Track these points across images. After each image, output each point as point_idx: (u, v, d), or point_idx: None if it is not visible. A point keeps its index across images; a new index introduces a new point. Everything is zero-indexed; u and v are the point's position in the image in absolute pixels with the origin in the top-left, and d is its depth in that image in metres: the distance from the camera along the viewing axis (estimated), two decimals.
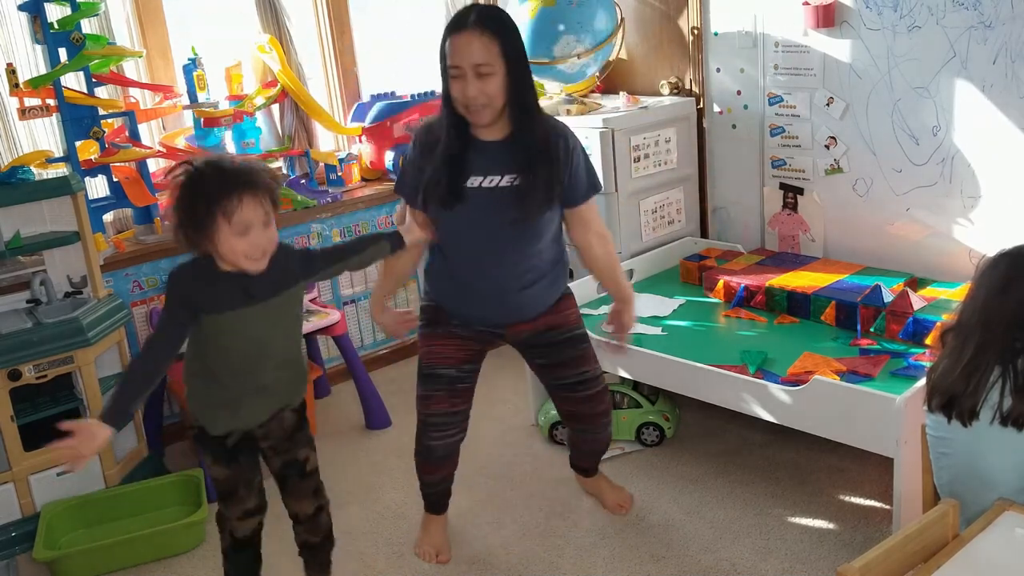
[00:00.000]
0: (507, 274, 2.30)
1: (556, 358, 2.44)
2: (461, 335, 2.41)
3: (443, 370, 2.40)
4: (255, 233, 1.82)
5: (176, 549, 2.70)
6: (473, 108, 2.13)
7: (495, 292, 2.32)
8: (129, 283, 3.25)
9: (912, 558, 1.54)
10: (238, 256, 1.83)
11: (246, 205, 1.79)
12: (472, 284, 2.33)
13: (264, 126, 3.64)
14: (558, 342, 2.42)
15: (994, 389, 1.69)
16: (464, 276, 2.33)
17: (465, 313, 2.38)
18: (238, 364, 1.96)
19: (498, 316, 2.38)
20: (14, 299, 2.94)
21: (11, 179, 2.73)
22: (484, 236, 2.25)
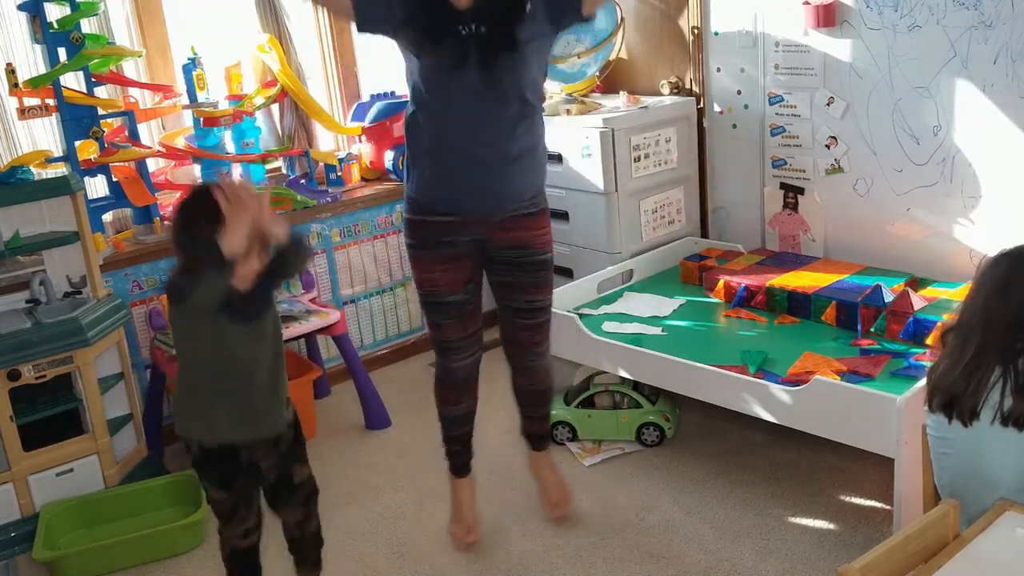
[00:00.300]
0: (486, 140, 2.26)
1: (515, 278, 2.44)
2: (452, 255, 2.39)
3: (449, 298, 2.42)
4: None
5: (176, 549, 2.70)
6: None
7: (484, 161, 2.28)
8: (128, 283, 3.25)
9: (912, 558, 1.54)
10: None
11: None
12: (453, 155, 2.29)
13: (264, 126, 3.64)
14: (523, 263, 2.42)
15: (995, 389, 1.69)
16: (445, 147, 2.30)
17: (445, 197, 2.34)
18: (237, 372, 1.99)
19: (487, 198, 2.33)
20: (13, 299, 2.93)
21: (11, 179, 2.72)
22: (466, 92, 2.22)
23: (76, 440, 2.84)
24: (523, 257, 2.42)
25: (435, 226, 2.37)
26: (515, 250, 2.41)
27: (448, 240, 2.38)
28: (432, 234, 2.38)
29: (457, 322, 2.46)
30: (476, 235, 2.39)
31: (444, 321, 2.46)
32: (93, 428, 2.84)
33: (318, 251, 3.68)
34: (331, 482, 3.06)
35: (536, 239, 2.42)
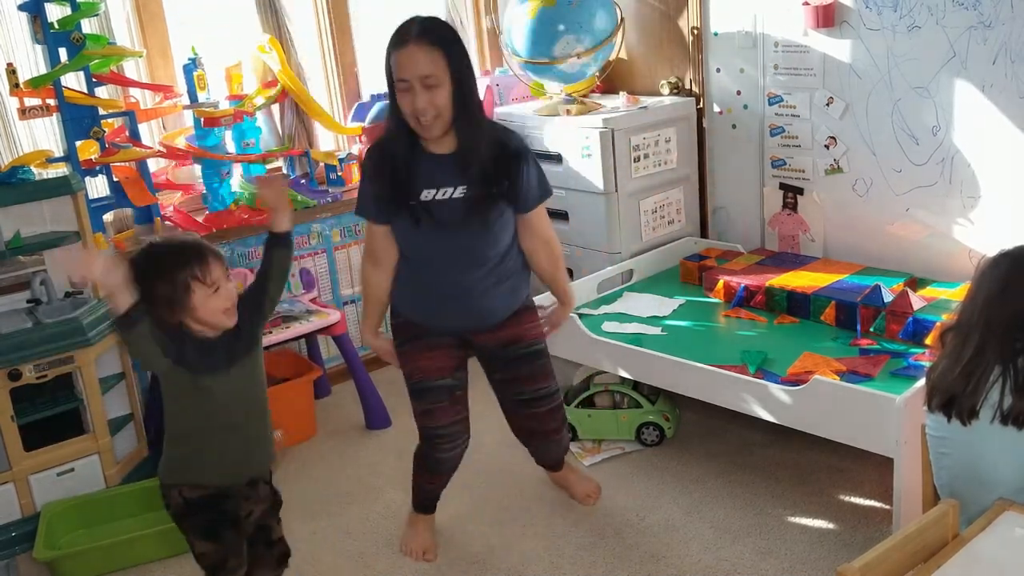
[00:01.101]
0: (470, 280, 2.32)
1: (515, 372, 2.47)
2: (443, 344, 2.42)
3: (438, 382, 2.43)
4: (224, 287, 1.92)
5: (176, 549, 2.69)
6: (424, 121, 2.14)
7: (460, 297, 2.34)
8: None
9: (912, 558, 1.54)
10: (218, 314, 1.91)
11: (209, 265, 1.90)
12: (437, 292, 2.36)
13: (264, 126, 3.64)
14: (518, 356, 2.45)
15: (994, 388, 1.69)
16: (430, 285, 2.36)
17: (434, 323, 2.41)
18: (222, 421, 2.00)
19: (465, 322, 2.40)
20: (14, 299, 2.94)
21: (11, 179, 2.73)
22: (444, 245, 2.29)
23: (77, 440, 2.84)
24: (520, 350, 2.45)
25: (422, 327, 2.42)
26: (511, 346, 2.45)
27: (436, 333, 2.42)
28: (419, 330, 2.42)
29: (448, 405, 2.44)
30: (464, 339, 2.45)
31: (434, 406, 2.43)
32: (94, 428, 2.85)
33: (318, 251, 3.68)
34: (331, 482, 3.07)
35: (527, 332, 2.46)
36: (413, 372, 2.44)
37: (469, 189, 2.23)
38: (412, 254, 2.35)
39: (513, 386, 2.50)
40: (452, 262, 2.31)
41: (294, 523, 2.84)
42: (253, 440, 2.07)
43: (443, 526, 2.74)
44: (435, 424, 2.45)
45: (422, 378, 2.42)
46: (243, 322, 2.00)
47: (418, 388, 2.44)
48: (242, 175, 3.53)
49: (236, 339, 1.99)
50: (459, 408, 2.47)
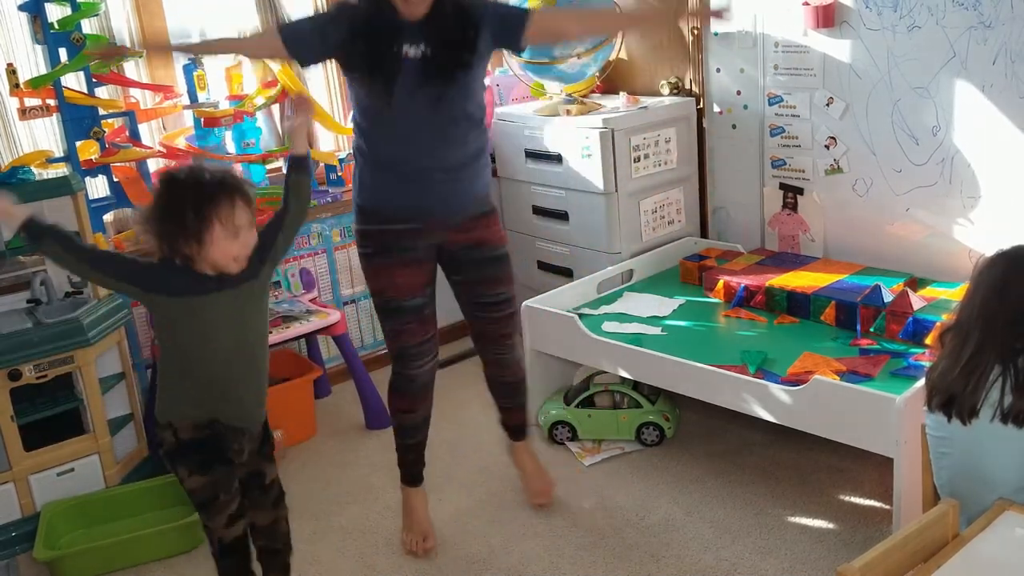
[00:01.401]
0: (440, 150, 2.34)
1: (478, 275, 2.50)
2: (412, 259, 2.42)
3: (409, 302, 2.45)
4: (244, 234, 1.88)
5: (176, 549, 2.70)
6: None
7: (440, 172, 2.35)
8: None
9: (912, 558, 1.54)
10: (228, 259, 1.88)
11: (238, 209, 1.86)
12: (409, 166, 2.34)
13: (264, 126, 3.64)
14: (483, 259, 2.49)
15: (994, 387, 1.70)
16: (400, 159, 2.34)
17: (405, 205, 2.38)
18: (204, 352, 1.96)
19: (445, 204, 2.40)
20: (14, 299, 2.94)
21: (11, 179, 2.73)
22: (416, 108, 2.28)
23: (77, 440, 2.84)
24: (485, 254, 2.49)
25: (393, 234, 2.41)
26: (477, 248, 2.48)
27: (407, 246, 2.41)
28: (391, 241, 2.41)
29: (418, 326, 2.48)
30: (435, 240, 2.44)
31: (404, 327, 2.47)
32: (94, 428, 2.85)
33: (318, 251, 3.68)
34: (331, 482, 3.07)
35: (494, 235, 2.51)
36: (384, 289, 2.44)
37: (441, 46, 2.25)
38: (385, 126, 2.32)
39: (475, 288, 2.52)
40: (422, 126, 2.30)
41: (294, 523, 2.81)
42: (244, 380, 2.03)
43: (443, 526, 2.74)
44: (405, 343, 2.49)
45: (395, 296, 2.44)
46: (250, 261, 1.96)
47: (389, 308, 2.45)
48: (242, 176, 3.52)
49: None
50: (428, 327, 2.51)
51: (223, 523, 2.07)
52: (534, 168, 3.76)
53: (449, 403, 3.34)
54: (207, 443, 2.01)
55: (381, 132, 2.37)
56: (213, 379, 1.98)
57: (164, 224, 1.86)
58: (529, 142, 3.74)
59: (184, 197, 1.85)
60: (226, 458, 2.04)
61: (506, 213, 4.03)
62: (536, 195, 3.80)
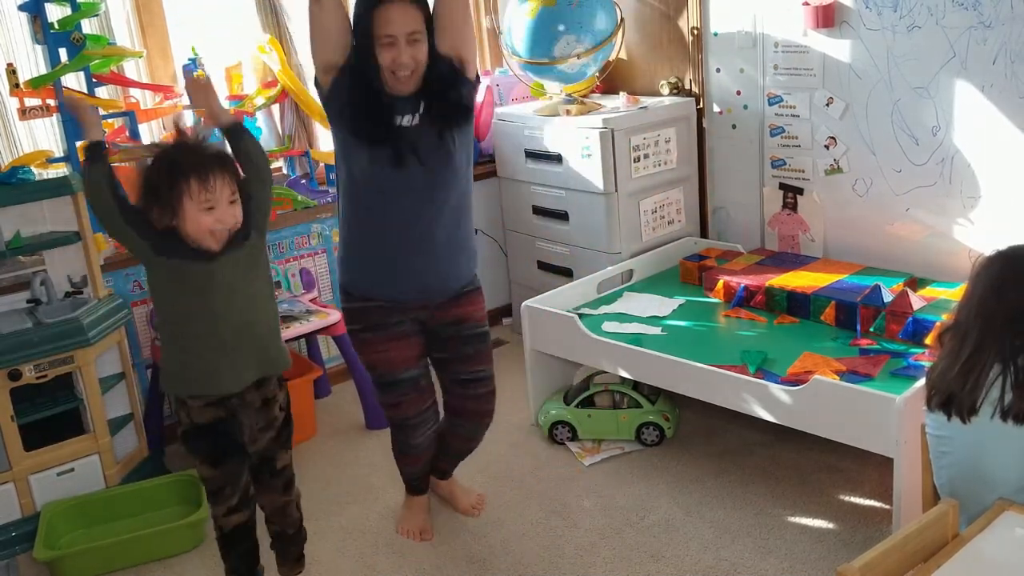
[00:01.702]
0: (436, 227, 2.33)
1: (458, 352, 2.50)
2: (401, 333, 2.43)
3: (404, 374, 2.45)
4: (220, 210, 1.91)
5: (176, 549, 2.70)
6: (402, 75, 2.20)
7: (428, 251, 2.34)
8: (129, 283, 3.25)
9: (912, 558, 1.54)
10: (203, 232, 1.91)
11: (212, 182, 1.88)
12: (404, 247, 2.33)
13: (264, 126, 3.64)
14: (464, 336, 2.49)
15: (994, 386, 1.70)
16: (394, 240, 2.33)
17: (396, 287, 2.38)
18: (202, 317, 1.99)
19: (429, 282, 2.39)
20: (14, 299, 2.94)
21: (11, 179, 2.73)
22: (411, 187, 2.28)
23: (77, 440, 2.84)
24: (465, 331, 2.49)
25: (380, 310, 2.41)
26: (457, 325, 2.48)
27: (394, 321, 2.42)
28: (376, 318, 2.41)
29: (415, 396, 2.48)
30: (419, 316, 2.45)
31: (402, 399, 2.47)
32: (94, 428, 2.85)
33: (318, 251, 3.68)
34: (331, 482, 3.07)
35: (475, 313, 2.51)
36: (378, 364, 2.45)
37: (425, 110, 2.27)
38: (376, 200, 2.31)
39: (455, 365, 2.52)
40: (418, 201, 2.30)
41: None
42: (251, 337, 2.05)
43: (443, 526, 2.74)
44: (404, 415, 2.50)
45: (390, 370, 2.44)
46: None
47: (385, 381, 2.46)
48: None
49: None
50: (426, 396, 2.51)
51: (223, 512, 2.18)
52: (534, 168, 3.76)
53: None
54: (219, 429, 2.06)
55: (369, 210, 2.34)
56: (209, 345, 2.01)
57: (144, 195, 1.93)
58: (529, 142, 3.74)
59: (159, 170, 1.91)
60: (237, 447, 2.09)
61: (506, 213, 4.03)
62: (536, 195, 3.80)
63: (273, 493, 2.23)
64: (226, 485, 2.14)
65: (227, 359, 2.04)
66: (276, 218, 3.47)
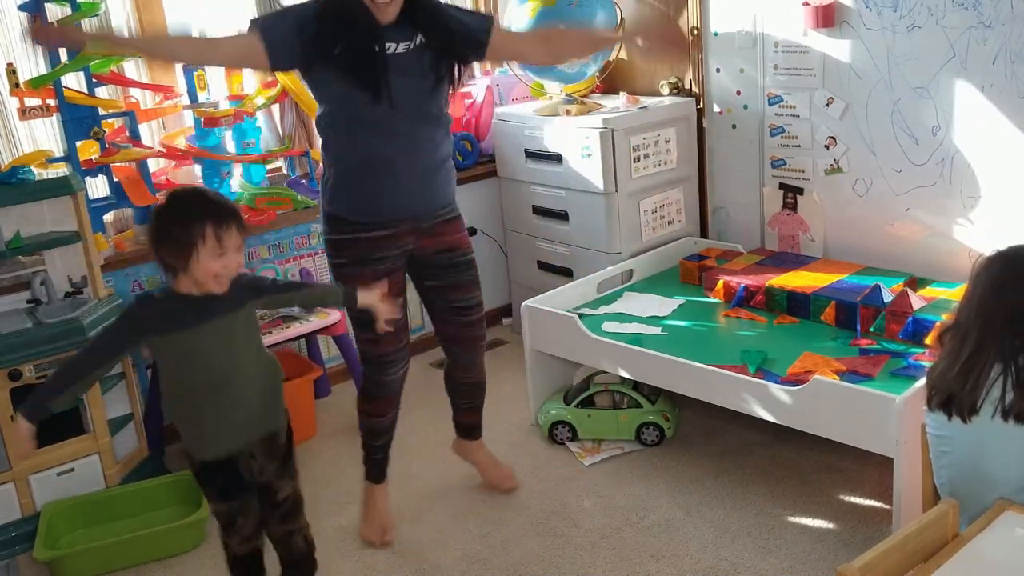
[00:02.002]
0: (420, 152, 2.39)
1: (450, 280, 2.56)
2: (384, 270, 2.45)
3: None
4: (229, 255, 1.95)
5: (176, 549, 2.70)
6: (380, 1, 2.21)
7: (413, 173, 2.40)
8: (129, 283, 3.25)
9: (912, 558, 1.54)
10: (209, 277, 1.94)
11: (225, 229, 1.93)
12: (388, 166, 2.37)
13: (264, 126, 3.64)
14: (455, 264, 2.55)
15: (995, 386, 1.70)
16: (380, 158, 2.37)
17: (381, 206, 2.41)
18: (202, 384, 2.02)
19: (412, 201, 2.44)
20: (14, 299, 2.94)
21: (11, 179, 2.73)
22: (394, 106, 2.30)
23: (77, 440, 2.84)
24: (458, 257, 2.56)
25: (367, 242, 2.43)
26: (448, 253, 2.54)
27: (380, 256, 2.45)
28: (364, 252, 2.44)
29: (392, 335, 2.48)
30: (406, 246, 2.48)
31: (380, 336, 2.47)
32: (94, 428, 2.85)
33: (318, 251, 3.68)
34: (331, 482, 3.07)
35: (462, 240, 2.57)
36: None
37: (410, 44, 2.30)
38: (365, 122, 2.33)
39: (446, 293, 2.58)
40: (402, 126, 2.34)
41: None
42: (248, 402, 2.07)
43: (443, 526, 2.74)
44: (382, 351, 2.53)
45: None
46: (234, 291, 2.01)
47: (363, 318, 2.43)
48: (242, 176, 3.53)
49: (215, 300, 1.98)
50: (402, 335, 2.55)
51: (236, 541, 2.20)
52: (534, 168, 3.76)
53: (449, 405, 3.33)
54: (227, 468, 2.10)
55: (354, 138, 2.38)
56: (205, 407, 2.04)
57: (157, 235, 1.95)
58: (529, 142, 3.74)
59: (175, 212, 1.94)
60: (244, 484, 2.13)
61: (506, 213, 4.03)
62: (536, 195, 3.80)
63: (273, 522, 2.24)
64: (237, 517, 2.17)
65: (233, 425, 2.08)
66: (276, 218, 3.47)
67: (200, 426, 2.07)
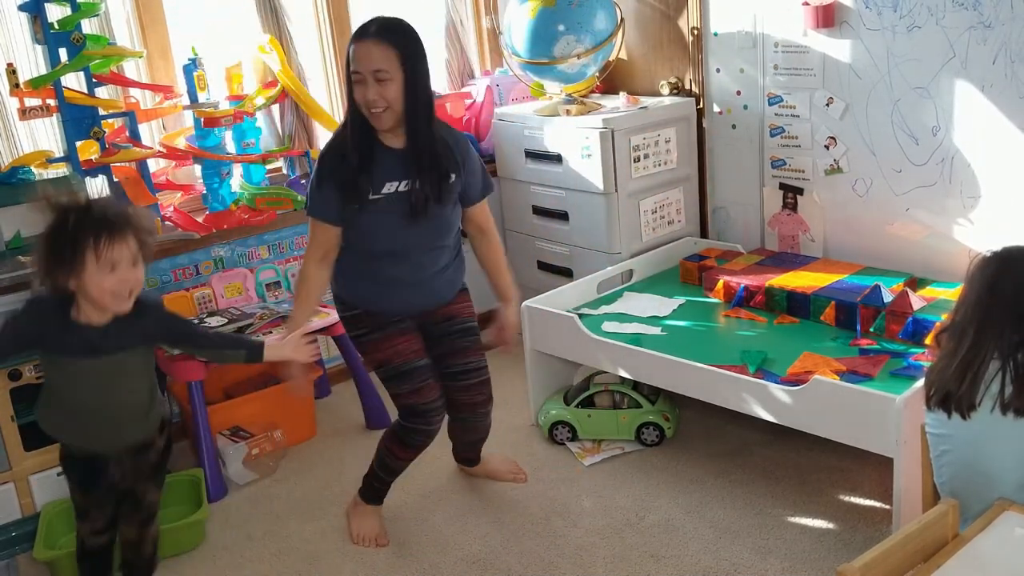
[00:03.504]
0: (423, 262, 2.50)
1: (447, 348, 2.61)
2: (407, 328, 2.55)
3: (419, 362, 2.54)
4: (122, 270, 1.90)
5: (176, 549, 2.70)
6: (374, 112, 2.32)
7: (419, 283, 2.52)
8: None
9: (912, 558, 1.54)
10: (104, 294, 1.90)
11: (115, 243, 1.89)
12: (394, 277, 2.50)
13: (264, 126, 3.64)
14: (452, 332, 2.61)
15: (994, 383, 1.71)
16: (385, 271, 2.50)
17: (390, 307, 2.54)
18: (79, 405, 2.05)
19: (422, 302, 2.57)
20: (14, 299, 2.93)
21: (11, 179, 2.73)
22: (399, 233, 2.44)
23: None
24: (456, 325, 2.62)
25: (380, 314, 2.54)
26: (448, 322, 2.61)
27: (396, 319, 2.54)
28: (379, 319, 2.54)
29: (433, 382, 2.55)
30: (416, 319, 2.60)
31: (422, 384, 2.53)
32: None
33: None
34: (331, 482, 3.07)
35: (465, 310, 2.66)
36: (394, 356, 2.53)
37: (410, 183, 2.40)
38: (370, 243, 2.46)
39: (445, 360, 2.61)
40: (407, 247, 2.46)
41: (294, 523, 2.84)
42: (118, 422, 2.10)
43: (443, 525, 2.74)
44: (426, 400, 2.54)
45: (405, 360, 2.52)
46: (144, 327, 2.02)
47: (404, 370, 2.52)
48: (242, 176, 3.53)
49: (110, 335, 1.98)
50: (439, 385, 2.59)
51: (87, 531, 2.23)
52: (534, 168, 3.76)
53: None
54: (89, 465, 2.12)
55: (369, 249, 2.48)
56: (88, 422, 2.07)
57: (45, 254, 1.91)
58: (529, 142, 3.74)
59: (62, 229, 1.89)
60: (106, 481, 2.14)
61: (506, 213, 4.03)
62: (536, 195, 3.80)
63: (131, 524, 2.25)
64: (90, 509, 2.19)
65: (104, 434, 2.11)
66: (276, 218, 3.47)
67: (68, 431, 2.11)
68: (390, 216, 2.41)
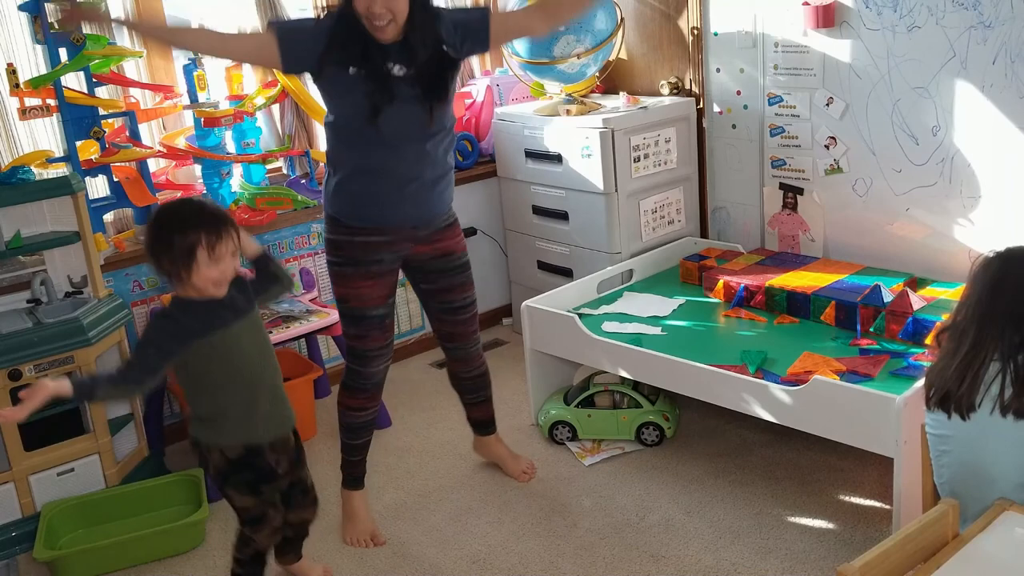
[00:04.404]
0: (419, 166, 2.44)
1: (444, 284, 2.65)
2: (378, 271, 2.52)
3: (373, 312, 2.55)
4: (226, 263, 2.03)
5: (176, 549, 2.70)
6: (378, 24, 2.23)
7: (414, 185, 2.45)
8: (129, 283, 3.25)
9: (912, 558, 1.54)
10: (208, 283, 2.02)
11: (224, 238, 2.01)
12: (388, 179, 2.43)
13: (264, 126, 3.64)
14: (450, 268, 2.63)
15: (994, 383, 1.71)
16: (379, 172, 2.42)
17: (381, 216, 2.47)
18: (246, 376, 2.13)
19: (417, 217, 2.51)
20: (14, 299, 2.94)
21: (11, 179, 2.73)
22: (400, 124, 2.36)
23: (77, 440, 2.84)
24: (453, 262, 2.64)
25: (363, 245, 2.50)
26: (444, 258, 2.62)
27: (376, 259, 2.51)
28: (360, 252, 2.50)
29: (379, 333, 2.58)
30: (402, 251, 2.55)
31: (367, 333, 2.57)
32: (94, 428, 2.85)
33: (318, 251, 3.68)
34: (331, 482, 3.06)
35: (457, 245, 2.65)
36: (350, 298, 2.54)
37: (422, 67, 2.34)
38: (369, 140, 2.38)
39: (441, 295, 2.67)
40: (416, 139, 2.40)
41: None
42: (277, 393, 2.20)
43: (443, 525, 2.74)
44: (365, 347, 2.59)
45: (362, 305, 2.54)
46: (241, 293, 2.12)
47: (357, 315, 2.55)
48: (242, 176, 3.53)
49: (239, 293, 2.10)
50: (388, 334, 2.61)
51: (267, 535, 2.25)
52: (534, 168, 3.76)
53: (449, 405, 3.33)
54: (254, 462, 2.16)
55: (358, 146, 2.43)
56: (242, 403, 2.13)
57: (154, 248, 2.03)
58: (529, 142, 3.74)
59: (171, 224, 2.02)
60: (272, 475, 2.19)
61: (506, 213, 4.03)
62: (536, 195, 3.80)
63: (306, 509, 2.35)
64: (268, 509, 2.22)
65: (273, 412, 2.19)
66: (276, 218, 3.47)
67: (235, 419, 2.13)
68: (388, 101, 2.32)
